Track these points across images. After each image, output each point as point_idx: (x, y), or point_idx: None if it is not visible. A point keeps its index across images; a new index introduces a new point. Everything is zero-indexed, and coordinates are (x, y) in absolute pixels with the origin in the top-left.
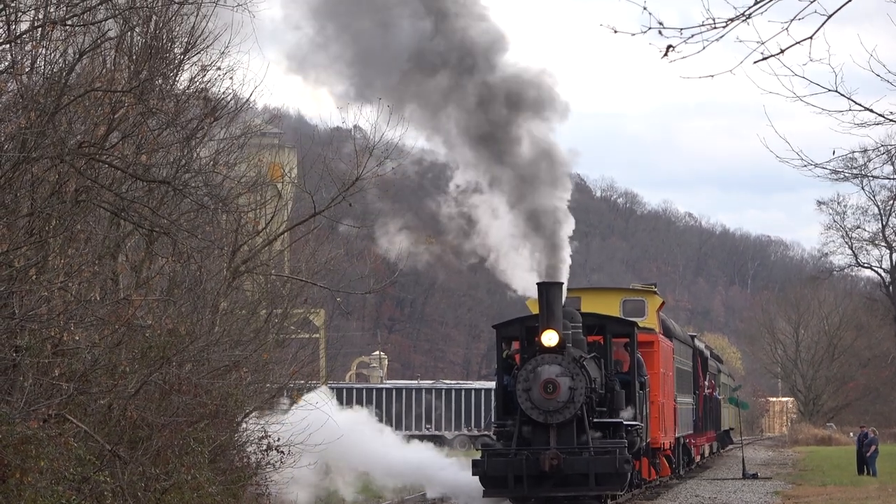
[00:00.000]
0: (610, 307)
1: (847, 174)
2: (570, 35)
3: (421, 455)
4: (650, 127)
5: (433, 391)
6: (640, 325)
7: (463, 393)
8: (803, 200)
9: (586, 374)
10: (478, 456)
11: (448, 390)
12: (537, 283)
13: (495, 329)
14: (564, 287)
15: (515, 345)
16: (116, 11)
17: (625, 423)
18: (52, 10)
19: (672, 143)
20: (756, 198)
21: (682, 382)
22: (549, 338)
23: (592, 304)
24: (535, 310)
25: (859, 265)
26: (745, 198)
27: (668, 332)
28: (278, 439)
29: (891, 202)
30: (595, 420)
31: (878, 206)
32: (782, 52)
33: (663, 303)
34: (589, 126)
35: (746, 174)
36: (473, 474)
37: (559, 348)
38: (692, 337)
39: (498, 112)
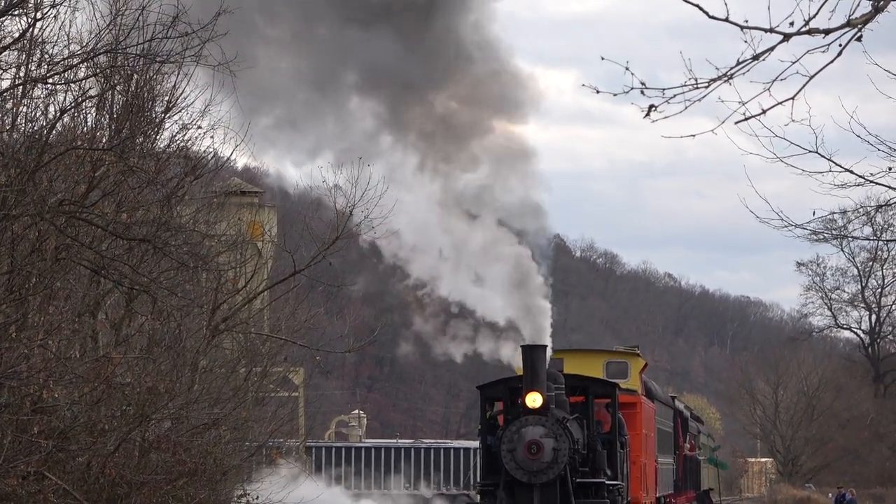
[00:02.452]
0: (593, 369)
1: (827, 235)
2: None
3: None
4: (617, 187)
5: (412, 450)
6: (623, 386)
7: (442, 452)
8: (775, 261)
9: (569, 436)
10: None
11: (427, 449)
12: (521, 346)
13: (479, 390)
14: (548, 350)
15: (499, 405)
16: (98, 70)
17: (607, 482)
18: (33, 67)
19: (638, 202)
20: (726, 258)
21: (663, 443)
22: (534, 399)
23: (576, 366)
24: (518, 371)
25: (839, 326)
26: (715, 258)
27: (650, 394)
28: (257, 497)
29: (870, 263)
30: (578, 480)
31: (857, 268)
32: (763, 112)
33: (646, 365)
34: (556, 185)
35: (715, 234)
36: None
37: (543, 410)
38: (673, 398)
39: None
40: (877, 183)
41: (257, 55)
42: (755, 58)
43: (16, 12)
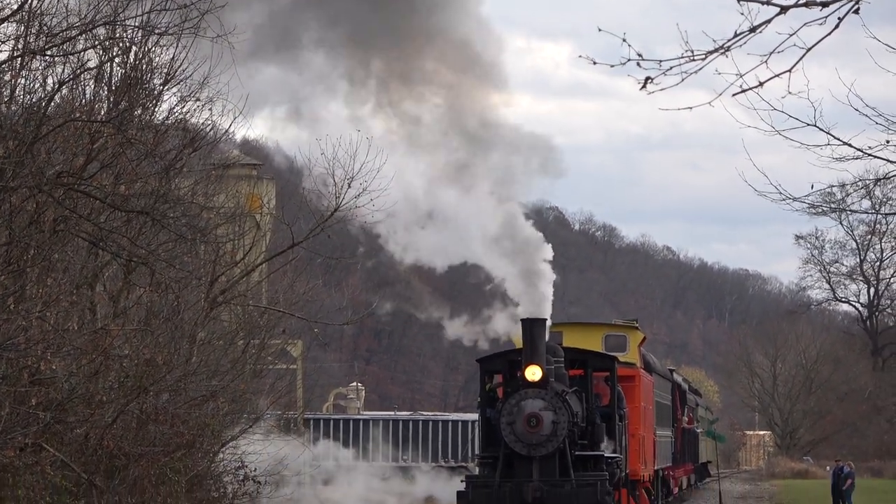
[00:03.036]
0: (592, 342)
1: (825, 209)
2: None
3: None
4: (613, 160)
5: (410, 422)
6: (622, 359)
7: (440, 424)
8: (772, 235)
9: (569, 409)
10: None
11: (425, 422)
12: (521, 319)
13: (479, 363)
14: (548, 323)
15: (498, 378)
16: (96, 42)
17: (605, 455)
18: (31, 40)
19: (635, 175)
20: (723, 231)
21: (662, 416)
22: (533, 373)
23: (575, 339)
24: (518, 343)
25: (837, 300)
26: (712, 231)
27: (648, 367)
28: (255, 469)
29: (869, 237)
30: (577, 453)
31: (855, 241)
32: (761, 84)
33: (644, 338)
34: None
35: (712, 208)
36: None
37: (542, 383)
38: (671, 371)
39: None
40: (875, 156)
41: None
42: (752, 30)
43: None
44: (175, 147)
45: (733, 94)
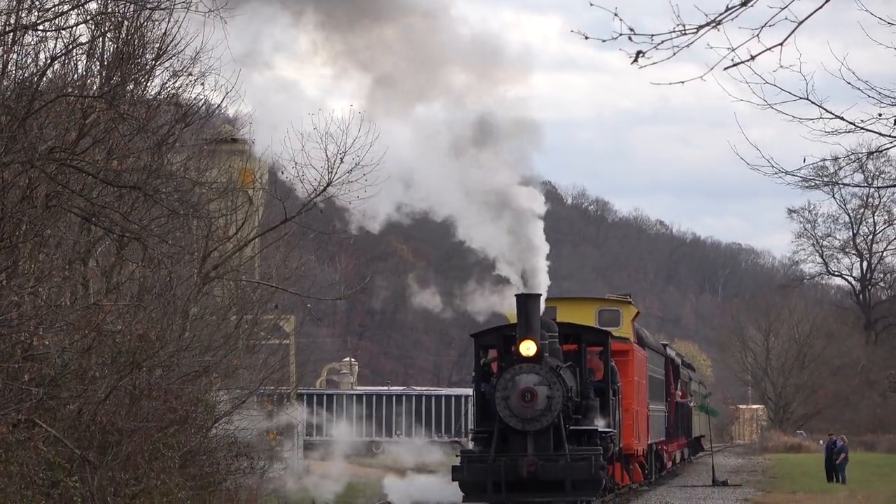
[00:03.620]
0: (586, 317)
1: (818, 182)
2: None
3: None
4: (603, 134)
5: (403, 397)
6: (616, 334)
7: (433, 399)
8: (762, 209)
9: (563, 383)
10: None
11: (419, 397)
12: (515, 295)
13: (473, 338)
14: (542, 298)
15: (493, 353)
16: (88, 17)
17: (599, 430)
18: (23, 14)
19: (625, 150)
20: (713, 205)
21: (655, 390)
22: (528, 347)
23: (568, 314)
24: (512, 319)
25: (830, 273)
26: (702, 205)
27: (641, 342)
28: (248, 445)
29: (861, 210)
30: (571, 427)
31: (848, 215)
32: (752, 58)
33: (638, 313)
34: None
35: (701, 182)
36: (453, 479)
37: (537, 358)
38: (664, 345)
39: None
40: (867, 129)
41: None
42: (744, 3)
43: None
44: (167, 122)
45: (725, 68)
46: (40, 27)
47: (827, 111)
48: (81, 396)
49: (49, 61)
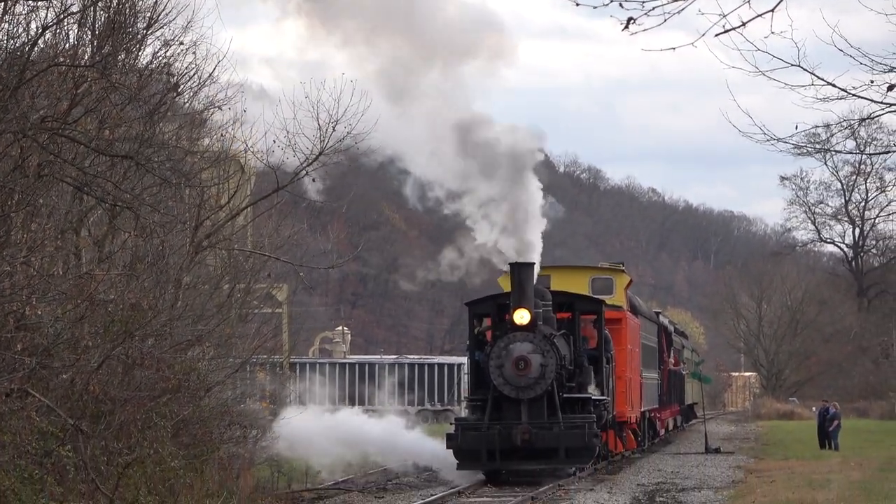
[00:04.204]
0: (579, 285)
1: (810, 149)
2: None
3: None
4: (593, 102)
5: (396, 366)
6: (609, 302)
7: (426, 367)
8: (752, 176)
9: (557, 352)
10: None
11: (411, 365)
12: (509, 263)
13: (467, 306)
14: (536, 267)
15: (487, 321)
16: None
17: (593, 398)
18: None
19: (615, 118)
20: (703, 173)
21: (648, 358)
22: (521, 316)
23: (562, 283)
24: (506, 287)
25: (822, 240)
26: (693, 173)
27: (634, 310)
28: (241, 413)
29: (854, 177)
30: (564, 395)
31: (840, 182)
32: (744, 25)
33: (631, 281)
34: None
35: (692, 149)
36: (448, 447)
37: (531, 326)
38: (657, 314)
39: None
40: (859, 96)
41: None
42: None
43: None
44: (159, 91)
45: (716, 35)
46: None
47: (819, 78)
48: (74, 366)
49: (40, 31)
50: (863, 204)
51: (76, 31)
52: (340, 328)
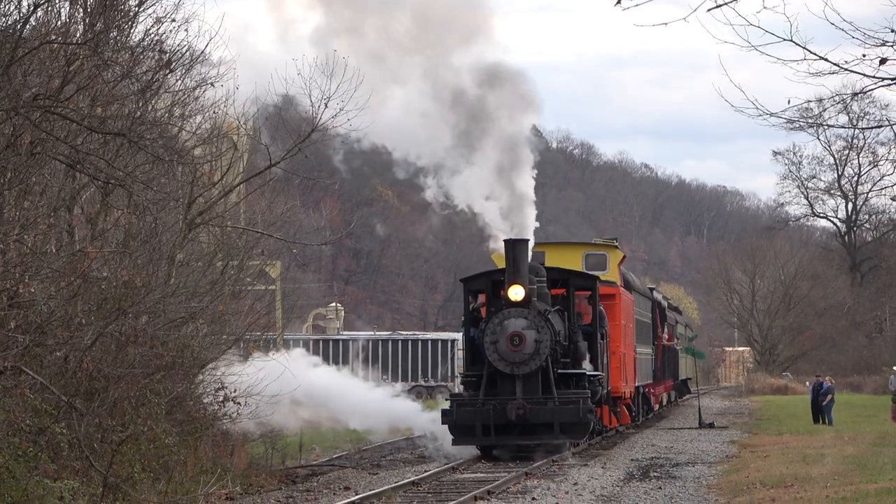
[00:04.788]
0: (573, 261)
1: (802, 124)
2: None
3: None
4: (581, 78)
5: (390, 342)
6: (602, 278)
7: (420, 343)
8: (742, 151)
9: (551, 327)
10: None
11: (405, 341)
12: (504, 240)
13: (462, 283)
14: (531, 243)
15: (482, 298)
16: None
17: (587, 373)
18: None
19: (605, 94)
20: (694, 148)
21: (642, 333)
22: (516, 292)
23: (556, 259)
24: (500, 264)
25: (815, 215)
26: (683, 148)
27: (628, 285)
28: (235, 390)
29: (846, 152)
30: (559, 371)
31: (833, 156)
32: None
33: (624, 257)
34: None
35: (681, 125)
36: (443, 423)
37: (525, 302)
38: (651, 289)
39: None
40: (852, 71)
41: None
42: None
43: None
44: (151, 68)
45: (708, 10)
46: None
47: (811, 52)
48: (67, 343)
49: (32, 8)
50: (856, 178)
51: (68, 8)
52: (334, 305)
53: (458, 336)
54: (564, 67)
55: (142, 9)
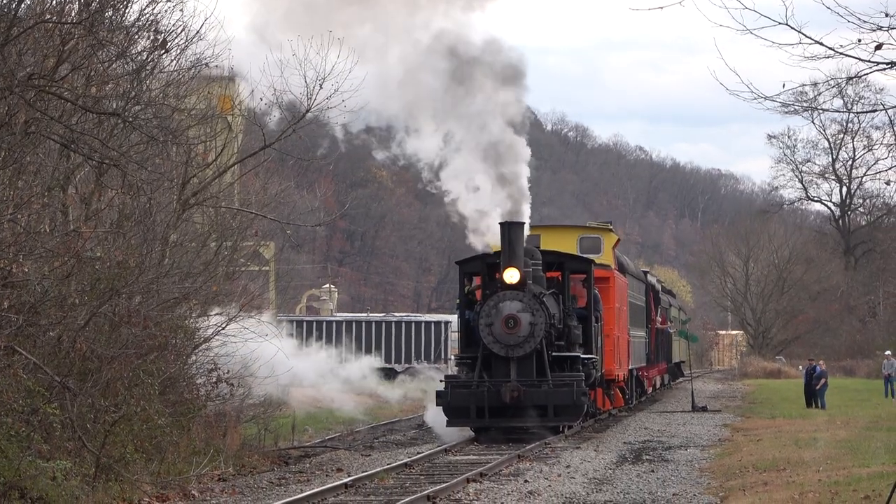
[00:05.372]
0: (567, 244)
1: (797, 107)
2: None
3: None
4: (573, 61)
5: (383, 324)
6: (597, 261)
7: (413, 325)
8: (733, 134)
9: (546, 310)
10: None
11: (398, 323)
12: (500, 223)
13: (458, 265)
14: (526, 227)
15: (477, 280)
16: None
17: (581, 356)
18: None
19: (596, 77)
20: (686, 131)
21: (636, 316)
22: (511, 275)
23: (550, 242)
24: (496, 247)
25: (809, 199)
26: (675, 131)
27: (622, 269)
28: (227, 371)
29: (841, 136)
30: (553, 353)
31: (828, 140)
32: None
33: (619, 240)
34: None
35: (674, 108)
36: (437, 405)
37: (520, 285)
38: (645, 273)
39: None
40: (847, 55)
41: None
42: None
43: None
44: (146, 48)
45: None
46: None
47: (806, 36)
48: (61, 323)
49: None
50: (850, 162)
51: None
52: (327, 286)
53: (452, 318)
54: (557, 50)
55: None
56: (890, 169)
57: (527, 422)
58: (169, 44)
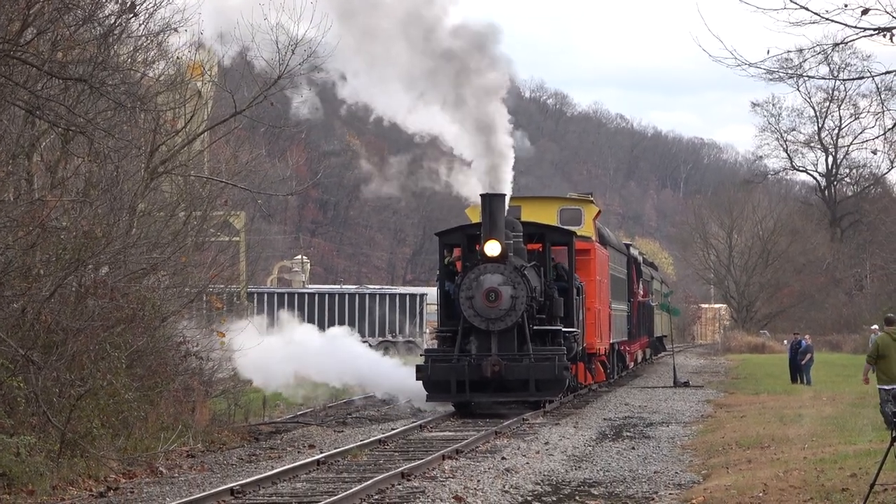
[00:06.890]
0: (548, 216)
1: (782, 74)
2: None
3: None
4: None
5: (357, 296)
6: (578, 233)
7: (387, 297)
8: (712, 102)
9: (527, 283)
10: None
11: (372, 295)
12: (480, 195)
13: (438, 236)
14: (507, 198)
15: (457, 251)
16: None
17: (563, 330)
18: None
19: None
20: (663, 99)
21: (618, 290)
22: (492, 248)
23: (530, 213)
24: (475, 218)
25: (794, 169)
26: (651, 99)
27: (603, 241)
28: (197, 345)
29: (827, 104)
30: (535, 327)
31: (813, 109)
32: None
33: (599, 212)
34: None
35: (649, 75)
36: (417, 379)
37: (502, 258)
38: (627, 245)
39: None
40: (833, 20)
41: None
42: None
43: None
44: (114, 12)
45: None
46: None
47: (792, 1)
48: (25, 295)
49: None
50: (836, 131)
51: None
52: (299, 257)
53: (427, 290)
54: (530, 14)
55: None
56: (877, 138)
57: (508, 396)
58: (137, 8)
